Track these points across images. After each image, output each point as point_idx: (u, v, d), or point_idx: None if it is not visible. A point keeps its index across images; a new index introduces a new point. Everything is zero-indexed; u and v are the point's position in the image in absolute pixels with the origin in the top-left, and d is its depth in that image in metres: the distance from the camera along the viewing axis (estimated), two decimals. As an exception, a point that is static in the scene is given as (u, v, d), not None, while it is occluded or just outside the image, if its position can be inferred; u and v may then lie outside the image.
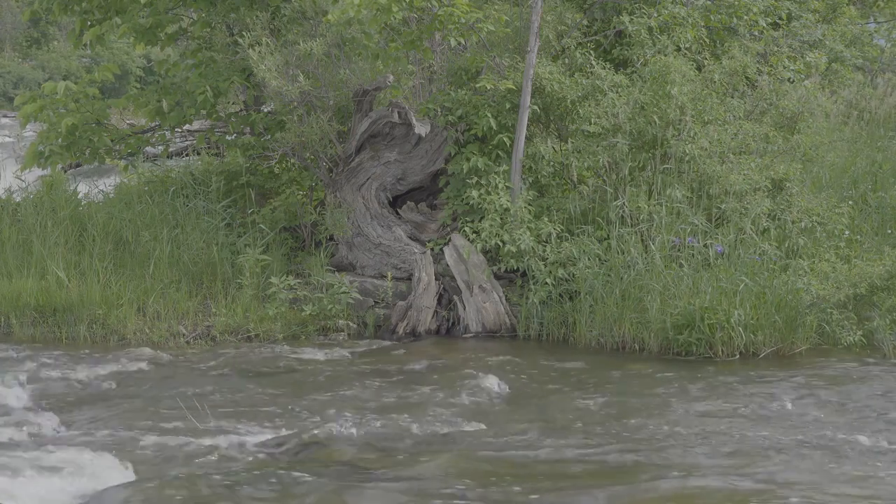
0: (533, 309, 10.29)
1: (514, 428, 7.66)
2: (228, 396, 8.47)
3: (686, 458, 6.97)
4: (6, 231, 11.42)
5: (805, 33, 13.93)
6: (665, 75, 10.66)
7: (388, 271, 10.86)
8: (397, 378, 9.03)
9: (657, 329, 9.65)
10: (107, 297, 10.47)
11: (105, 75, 13.16)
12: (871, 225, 11.43)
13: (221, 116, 12.49)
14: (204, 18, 12.64)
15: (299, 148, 11.19)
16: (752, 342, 9.48)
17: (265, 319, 10.41)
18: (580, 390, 8.63)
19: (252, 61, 10.97)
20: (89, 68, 42.52)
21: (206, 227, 11.32)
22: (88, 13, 12.98)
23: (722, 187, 10.44)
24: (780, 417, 7.83)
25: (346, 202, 11.14)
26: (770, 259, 9.97)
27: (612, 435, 7.47)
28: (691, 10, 11.95)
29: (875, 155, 13.20)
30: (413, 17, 11.06)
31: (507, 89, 10.66)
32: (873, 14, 19.51)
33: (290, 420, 7.82)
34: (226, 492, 6.37)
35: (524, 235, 10.30)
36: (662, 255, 10.00)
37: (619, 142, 10.50)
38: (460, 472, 6.73)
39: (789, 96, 11.62)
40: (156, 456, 7.02)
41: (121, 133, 12.55)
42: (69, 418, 7.86)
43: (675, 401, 8.25)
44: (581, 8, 12.15)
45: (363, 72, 11.18)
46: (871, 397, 8.27)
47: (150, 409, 8.11)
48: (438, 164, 11.12)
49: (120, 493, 6.34)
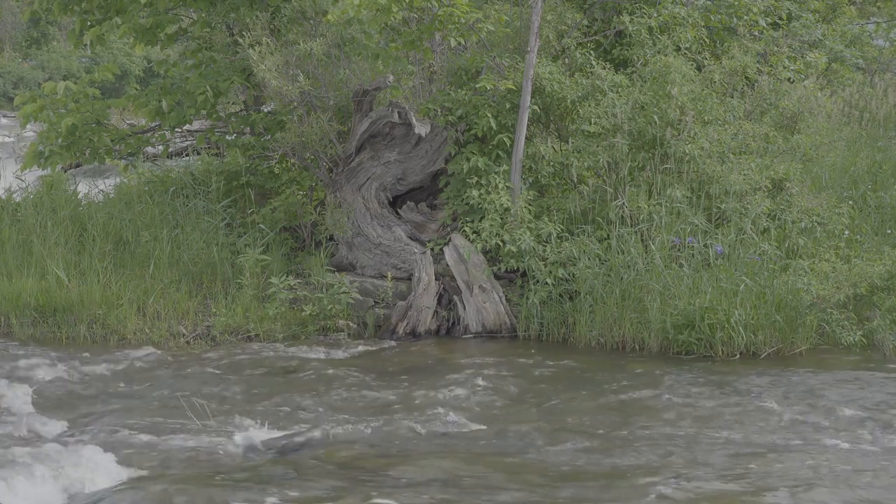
0: (533, 309, 10.29)
1: (514, 428, 7.66)
2: (228, 396, 8.48)
3: (686, 458, 6.97)
4: (6, 231, 11.42)
5: (805, 33, 13.92)
6: (665, 75, 10.67)
7: (388, 271, 10.86)
8: (397, 378, 9.03)
9: (657, 329, 9.65)
10: (107, 297, 10.47)
11: (105, 75, 13.17)
12: (871, 225, 11.43)
13: (221, 116, 12.50)
14: (204, 18, 12.64)
15: (299, 148, 11.19)
16: (753, 342, 9.49)
17: (265, 319, 10.41)
18: (580, 390, 8.63)
19: (252, 61, 10.97)
20: (89, 68, 42.56)
21: (206, 227, 11.32)
22: (88, 13, 12.98)
23: (722, 187, 10.45)
24: (781, 417, 7.84)
25: (346, 202, 11.14)
26: (770, 259, 9.98)
27: (611, 435, 7.47)
28: (691, 10, 11.96)
29: (875, 155, 13.20)
30: (413, 17, 11.07)
31: (507, 89, 10.66)
32: (872, 14, 19.51)
33: (289, 420, 7.83)
34: (226, 491, 6.37)
35: (524, 235, 10.30)
36: (662, 255, 10.00)
37: (618, 142, 10.51)
38: (460, 472, 6.73)
39: (789, 96, 11.62)
40: (156, 456, 7.02)
41: (121, 133, 12.55)
42: (69, 418, 7.87)
43: (675, 401, 8.26)
44: (581, 8, 12.16)
45: (363, 72, 11.18)
46: (871, 398, 8.27)
47: (150, 408, 8.12)
48: (438, 164, 11.12)
49: (120, 493, 6.34)
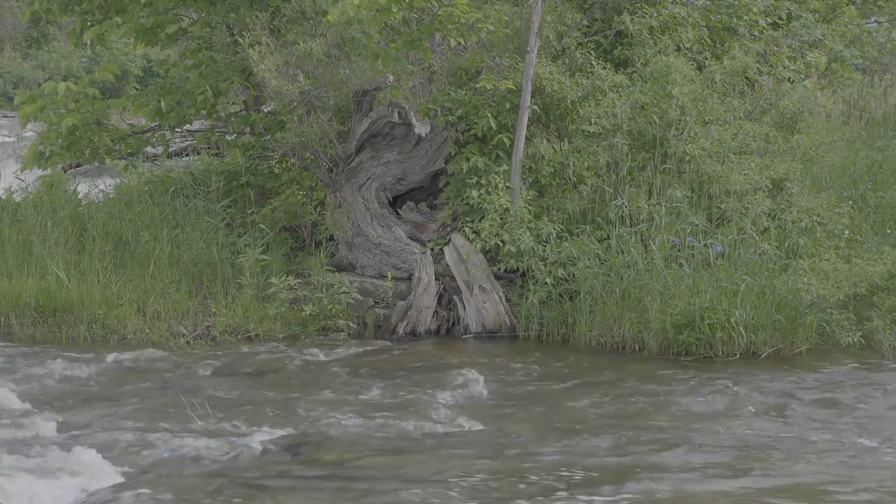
0: (533, 309, 10.28)
1: (514, 428, 7.66)
2: (228, 396, 8.48)
3: (686, 458, 6.97)
4: (6, 231, 11.42)
5: (805, 33, 13.92)
6: (666, 75, 10.67)
7: (388, 271, 10.85)
8: (397, 378, 9.02)
9: (657, 329, 9.65)
10: (107, 297, 10.47)
11: (105, 75, 13.16)
12: (871, 225, 11.44)
13: (221, 116, 12.49)
14: (204, 18, 12.64)
15: (299, 148, 11.18)
16: (753, 342, 9.48)
17: (265, 319, 10.40)
18: (580, 390, 8.63)
19: (252, 61, 10.97)
20: (89, 68, 42.53)
21: (206, 227, 11.32)
22: (88, 13, 12.98)
23: (722, 187, 10.44)
24: (781, 417, 7.84)
25: (346, 202, 11.14)
26: (770, 259, 9.98)
27: (611, 435, 7.47)
28: (691, 9, 11.96)
29: (875, 155, 13.20)
30: (413, 17, 11.07)
31: (507, 89, 10.66)
32: (873, 14, 19.49)
33: (289, 420, 7.83)
34: (226, 491, 6.38)
35: (524, 235, 10.30)
36: (662, 255, 10.00)
37: (617, 141, 10.50)
38: (460, 472, 6.73)
39: (789, 96, 11.62)
40: (155, 456, 7.02)
41: (121, 133, 12.54)
42: (69, 418, 7.87)
43: (674, 401, 8.26)
44: (581, 8, 12.15)
45: (363, 72, 11.18)
46: (871, 398, 8.27)
47: (150, 408, 8.12)
48: (438, 164, 11.11)
49: (120, 493, 6.34)
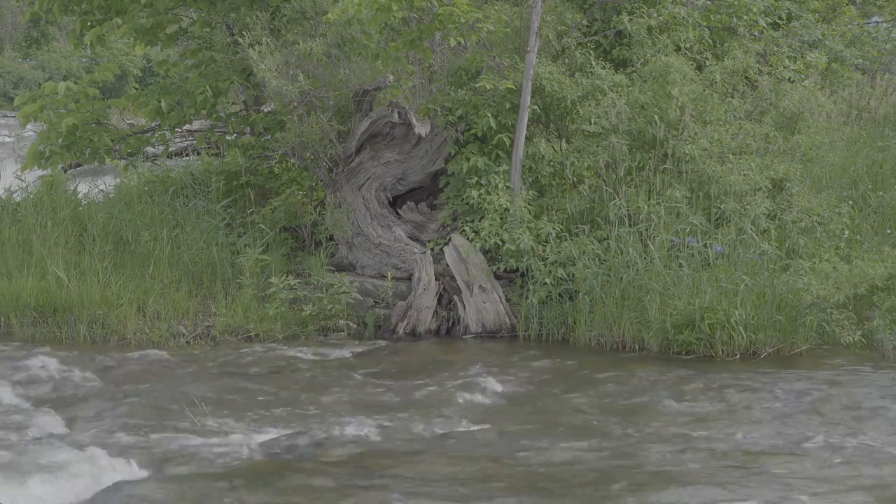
0: (533, 309, 10.28)
1: (514, 428, 7.66)
2: (228, 396, 8.48)
3: (686, 458, 6.97)
4: (6, 231, 11.41)
5: (805, 33, 13.92)
6: (665, 75, 10.67)
7: (388, 271, 10.85)
8: (397, 378, 9.02)
9: (657, 329, 9.65)
10: (107, 297, 10.47)
11: (105, 75, 13.16)
12: (871, 225, 11.43)
13: (221, 116, 12.49)
14: (204, 18, 12.64)
15: (299, 148, 11.18)
16: (753, 342, 9.48)
17: (265, 319, 10.40)
18: (580, 390, 8.63)
19: (252, 61, 10.97)
20: (89, 68, 42.55)
21: (206, 227, 11.31)
22: (89, 14, 12.98)
23: (722, 187, 10.44)
24: (781, 417, 7.84)
25: (346, 202, 11.14)
26: (770, 259, 9.98)
27: (611, 435, 7.47)
28: (691, 10, 11.96)
29: (875, 155, 13.20)
30: (413, 16, 11.07)
31: (507, 89, 10.66)
32: (873, 13, 19.51)
33: (290, 420, 7.83)
34: (226, 491, 6.38)
35: (524, 235, 10.30)
36: (662, 255, 10.00)
37: (616, 141, 10.50)
38: (460, 472, 6.73)
39: (789, 96, 11.62)
40: (156, 455, 7.02)
41: (121, 133, 12.54)
42: (69, 418, 7.87)
43: (675, 401, 8.26)
44: (581, 8, 12.15)
45: (363, 72, 11.17)
46: (870, 398, 8.27)
47: (150, 408, 8.12)
48: (438, 164, 11.11)
49: (120, 493, 6.35)
